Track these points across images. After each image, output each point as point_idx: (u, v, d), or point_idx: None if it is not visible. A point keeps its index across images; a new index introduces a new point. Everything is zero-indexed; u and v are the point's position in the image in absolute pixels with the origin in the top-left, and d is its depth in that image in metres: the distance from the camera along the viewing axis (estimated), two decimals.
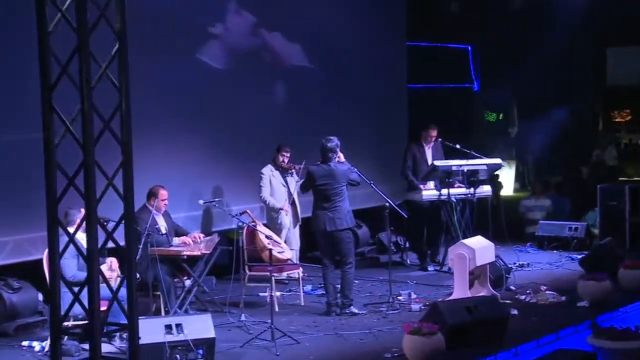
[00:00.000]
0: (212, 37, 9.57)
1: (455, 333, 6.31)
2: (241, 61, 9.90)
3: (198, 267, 7.77)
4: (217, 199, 7.90)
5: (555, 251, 11.05)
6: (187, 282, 7.72)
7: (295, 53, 10.75)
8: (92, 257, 3.77)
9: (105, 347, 6.30)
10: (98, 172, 3.74)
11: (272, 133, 10.10)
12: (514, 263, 9.97)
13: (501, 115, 17.10)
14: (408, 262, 10.52)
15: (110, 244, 4.08)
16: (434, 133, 10.30)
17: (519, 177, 17.43)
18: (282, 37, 10.55)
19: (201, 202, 7.90)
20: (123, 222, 3.94)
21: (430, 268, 10.06)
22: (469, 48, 14.82)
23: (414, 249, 10.55)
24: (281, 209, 9.21)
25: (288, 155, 9.34)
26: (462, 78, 14.72)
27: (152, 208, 7.53)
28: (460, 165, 9.59)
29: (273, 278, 7.95)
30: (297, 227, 9.49)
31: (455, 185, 9.83)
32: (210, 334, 6.10)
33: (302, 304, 8.26)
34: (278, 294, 8.67)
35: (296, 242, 9.47)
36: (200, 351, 6.05)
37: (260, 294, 8.48)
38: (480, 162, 9.77)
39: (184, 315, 6.41)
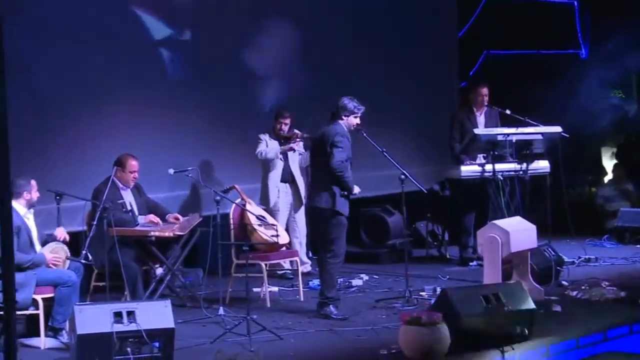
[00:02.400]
0: None
1: (468, 326, 6.39)
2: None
3: (172, 252, 8.01)
4: (190, 168, 8.10)
5: (638, 245, 10.95)
6: (159, 271, 7.98)
7: None
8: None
9: (50, 342, 6.65)
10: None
11: (276, 98, 10.27)
12: (578, 257, 9.95)
13: (617, 90, 16.53)
14: (448, 255, 10.60)
15: None
16: (485, 92, 10.30)
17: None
18: None
19: (171, 171, 8.13)
20: None
21: (474, 263, 10.08)
22: (575, 3, 14.52)
23: (453, 239, 10.61)
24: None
25: (288, 122, 9.50)
26: (566, 42, 14.42)
27: (115, 179, 7.81)
28: (508, 135, 9.60)
29: (264, 266, 8.18)
30: (302, 212, 9.62)
31: (508, 161, 9.85)
32: (169, 323, 6.30)
33: (302, 299, 8.43)
34: (275, 288, 8.90)
35: (302, 230, 9.61)
36: (157, 344, 6.25)
37: (255, 289, 8.68)
38: (534, 131, 9.77)
39: (137, 302, 6.63)
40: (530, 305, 6.67)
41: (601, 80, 12.36)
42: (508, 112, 10.19)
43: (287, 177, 9.56)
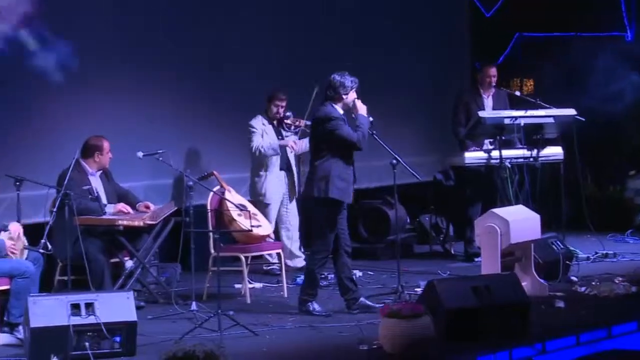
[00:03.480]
0: None
1: (456, 320, 6.47)
2: None
3: (143, 243, 8.11)
4: (160, 151, 8.19)
5: None
6: (129, 264, 8.08)
7: None
8: None
9: (5, 339, 6.77)
10: None
11: (268, 75, 10.29)
12: (595, 253, 9.99)
13: None
14: (452, 251, 10.64)
15: None
16: (493, 72, 10.37)
17: None
18: None
19: (140, 154, 8.23)
20: None
21: (479, 259, 10.08)
22: None
23: (458, 232, 10.66)
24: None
25: (284, 104, 9.56)
26: (609, 23, 14.32)
27: (84, 163, 7.95)
28: (515, 118, 9.65)
29: (244, 259, 8.28)
30: (294, 203, 9.72)
31: (516, 146, 9.91)
32: (131, 316, 6.43)
33: (286, 295, 8.53)
34: (259, 285, 9.00)
35: (293, 222, 9.70)
36: (118, 338, 6.36)
37: (236, 286, 8.79)
38: (545, 114, 9.82)
39: (97, 293, 6.72)
40: (525, 298, 6.72)
41: None
42: (517, 93, 10.35)
43: (284, 165, 9.66)
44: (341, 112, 7.76)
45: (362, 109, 7.80)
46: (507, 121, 9.67)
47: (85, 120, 8.76)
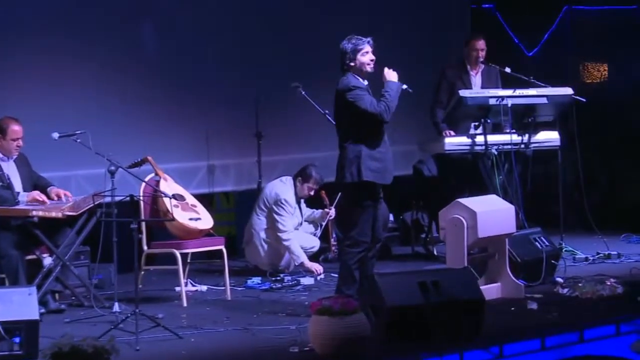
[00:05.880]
0: None
1: (399, 318, 6.79)
2: None
3: (64, 238, 8.50)
4: (78, 132, 8.53)
5: None
6: (47, 261, 8.46)
7: None
8: None
9: None
10: None
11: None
12: (597, 253, 10.31)
13: None
14: (435, 252, 10.94)
15: None
16: (481, 46, 10.67)
17: None
18: None
19: (55, 135, 8.56)
20: None
21: None
22: None
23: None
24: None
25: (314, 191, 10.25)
26: None
27: None
28: (503, 98, 9.96)
29: (178, 255, 8.66)
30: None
31: (505, 131, 10.22)
32: (32, 314, 6.76)
33: (229, 298, 8.94)
34: (204, 287, 9.40)
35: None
36: (17, 339, 6.70)
37: (177, 289, 9.17)
38: (537, 93, 10.11)
39: None
40: (478, 295, 7.05)
41: None
42: (508, 70, 10.56)
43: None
44: (365, 82, 7.96)
45: (390, 75, 7.99)
46: (492, 101, 9.97)
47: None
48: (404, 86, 8.01)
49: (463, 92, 10.02)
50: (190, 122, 10.71)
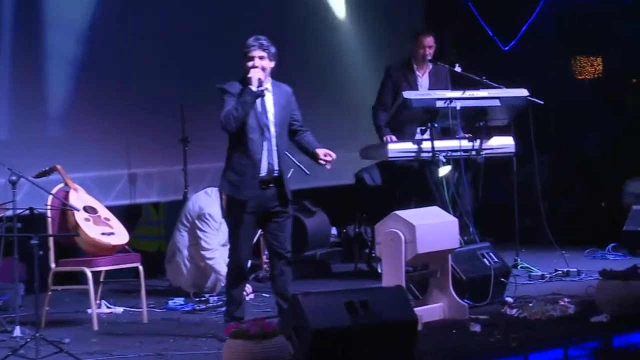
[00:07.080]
0: None
1: (324, 342, 6.75)
2: None
3: None
4: None
5: None
6: None
7: None
8: None
9: None
10: None
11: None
12: (555, 270, 10.34)
13: None
14: (379, 269, 10.87)
15: None
16: (429, 42, 10.64)
17: None
18: None
19: None
20: None
21: None
22: None
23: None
24: None
25: None
26: None
27: None
28: (451, 100, 9.95)
29: (89, 274, 8.59)
30: None
31: (459, 136, 10.20)
32: None
33: (145, 321, 8.88)
34: (119, 309, 9.34)
35: None
36: None
37: (89, 311, 9.09)
38: (488, 95, 10.10)
39: None
40: (411, 316, 7.03)
41: None
42: (458, 69, 10.55)
43: None
44: (255, 87, 7.82)
45: (251, 77, 7.88)
46: (440, 104, 9.98)
47: None
48: (260, 88, 7.86)
49: (407, 94, 10.02)
50: (107, 125, 10.60)
